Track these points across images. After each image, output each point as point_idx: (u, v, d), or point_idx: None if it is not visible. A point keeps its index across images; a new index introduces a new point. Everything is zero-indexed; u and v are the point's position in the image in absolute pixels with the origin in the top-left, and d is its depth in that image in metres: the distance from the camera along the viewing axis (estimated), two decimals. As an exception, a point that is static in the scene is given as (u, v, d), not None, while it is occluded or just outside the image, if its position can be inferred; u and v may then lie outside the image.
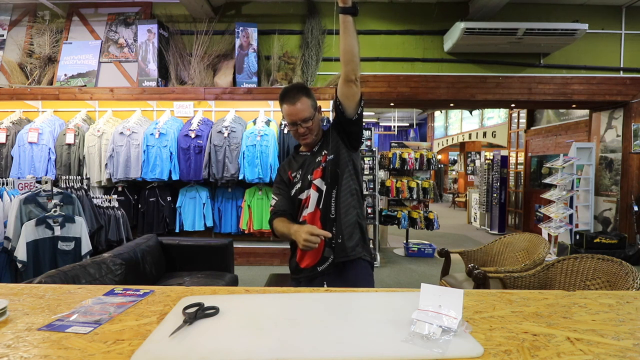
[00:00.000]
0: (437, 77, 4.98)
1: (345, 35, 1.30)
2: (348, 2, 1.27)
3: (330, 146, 1.46)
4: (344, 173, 1.46)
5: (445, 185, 14.11)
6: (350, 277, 1.44)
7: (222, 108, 4.66)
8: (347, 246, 1.43)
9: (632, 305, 0.95)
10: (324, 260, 1.43)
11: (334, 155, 1.45)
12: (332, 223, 1.43)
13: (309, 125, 1.44)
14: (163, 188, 4.46)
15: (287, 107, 1.43)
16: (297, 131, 1.45)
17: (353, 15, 1.28)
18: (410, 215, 5.30)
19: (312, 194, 1.45)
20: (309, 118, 1.43)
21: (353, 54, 1.32)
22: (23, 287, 1.10)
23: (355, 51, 1.32)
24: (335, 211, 1.44)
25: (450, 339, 0.74)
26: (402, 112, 13.27)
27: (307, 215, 1.46)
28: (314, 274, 1.45)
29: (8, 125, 4.39)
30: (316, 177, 1.45)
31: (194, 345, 0.73)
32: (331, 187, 1.44)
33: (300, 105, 1.41)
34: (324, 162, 1.45)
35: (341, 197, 1.44)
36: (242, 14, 5.04)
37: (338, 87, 1.41)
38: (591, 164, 5.38)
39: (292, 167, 1.55)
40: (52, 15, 5.12)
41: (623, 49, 5.02)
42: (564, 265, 1.92)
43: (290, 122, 1.45)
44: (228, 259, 3.01)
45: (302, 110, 1.42)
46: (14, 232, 2.62)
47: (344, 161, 1.46)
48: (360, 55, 1.36)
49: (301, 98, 1.42)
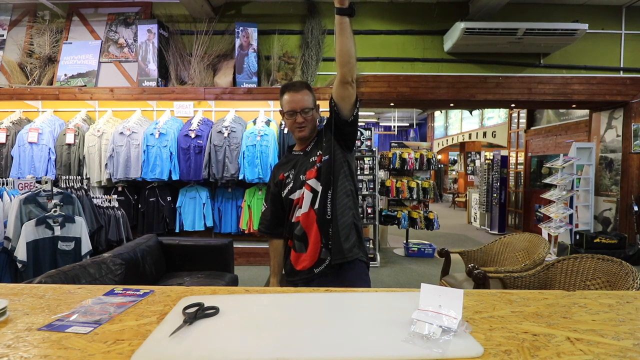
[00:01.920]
0: (437, 77, 4.98)
1: (342, 36, 1.28)
2: (345, 3, 1.24)
3: (325, 147, 1.45)
4: (339, 174, 1.45)
5: (445, 185, 14.11)
6: (347, 278, 1.43)
7: (222, 108, 4.66)
8: (344, 247, 1.42)
9: (632, 305, 0.95)
10: (320, 262, 1.43)
11: (329, 156, 1.43)
12: (329, 224, 1.42)
13: (308, 117, 1.45)
14: (163, 188, 4.46)
15: (290, 95, 1.44)
16: (296, 120, 1.45)
17: (349, 16, 1.26)
18: (410, 215, 5.30)
19: (305, 194, 1.44)
20: (309, 109, 1.44)
21: (349, 56, 1.30)
22: (23, 287, 1.10)
23: (351, 53, 1.30)
24: (332, 212, 1.43)
25: (450, 339, 0.74)
26: (402, 112, 13.27)
27: (300, 216, 1.45)
28: (310, 275, 1.44)
29: (8, 125, 4.39)
30: (310, 177, 1.44)
31: (194, 345, 0.73)
32: (327, 188, 1.43)
33: (302, 95, 1.44)
34: (319, 162, 1.44)
35: (337, 199, 1.43)
36: (242, 14, 5.04)
37: (334, 88, 1.40)
38: (591, 164, 5.38)
39: (284, 168, 1.54)
40: (52, 15, 5.12)
41: (623, 49, 5.02)
42: (564, 265, 1.92)
43: (290, 109, 1.44)
44: (228, 259, 3.01)
45: (304, 100, 1.43)
46: (14, 232, 2.62)
47: (339, 162, 1.45)
48: (356, 56, 1.34)
49: (304, 90, 1.45)
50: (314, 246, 1.43)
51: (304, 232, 1.45)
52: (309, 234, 1.44)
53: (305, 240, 1.45)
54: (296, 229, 1.46)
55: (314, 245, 1.43)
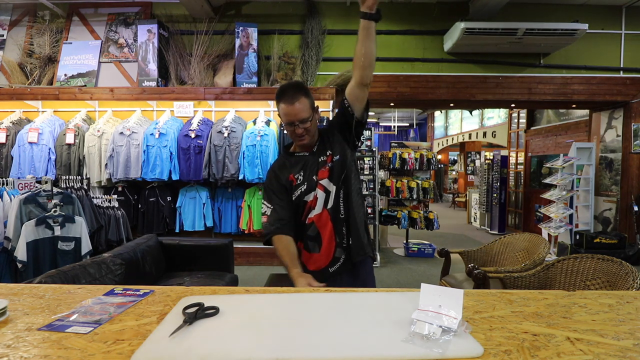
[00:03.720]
0: (437, 77, 4.98)
1: (368, 40, 1.30)
2: (373, 8, 1.26)
3: (335, 147, 1.45)
4: (351, 173, 1.46)
5: (445, 185, 14.11)
6: (360, 274, 1.47)
7: (222, 108, 4.66)
8: (359, 245, 1.45)
9: (632, 305, 0.95)
10: (335, 261, 1.44)
11: (340, 156, 1.44)
12: (342, 223, 1.43)
13: (307, 126, 1.39)
14: (163, 188, 4.46)
15: (285, 107, 1.37)
16: (295, 132, 1.40)
17: (376, 21, 1.28)
18: (410, 215, 5.30)
19: (319, 195, 1.42)
20: (307, 119, 1.37)
21: (372, 59, 1.33)
22: (23, 287, 1.09)
23: (374, 56, 1.34)
24: (345, 211, 1.44)
25: (450, 339, 0.74)
26: (402, 112, 13.27)
27: (314, 217, 1.43)
28: (325, 275, 1.43)
29: (8, 125, 4.39)
30: (322, 177, 1.42)
31: (194, 345, 0.73)
32: (340, 187, 1.43)
33: (298, 105, 1.36)
34: (330, 162, 1.43)
35: (352, 197, 1.45)
36: (242, 14, 5.04)
37: (349, 89, 1.40)
38: (591, 164, 5.38)
39: (291, 169, 1.47)
40: (52, 15, 5.12)
41: (623, 49, 5.02)
42: (564, 265, 1.92)
43: (288, 122, 1.39)
44: (228, 259, 3.01)
45: (300, 111, 1.36)
46: (14, 232, 2.62)
47: (349, 161, 1.47)
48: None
49: (300, 98, 1.36)
50: (329, 245, 1.43)
51: (318, 232, 1.44)
52: (323, 233, 1.43)
53: (319, 240, 1.44)
54: (309, 230, 1.45)
55: (328, 244, 1.43)
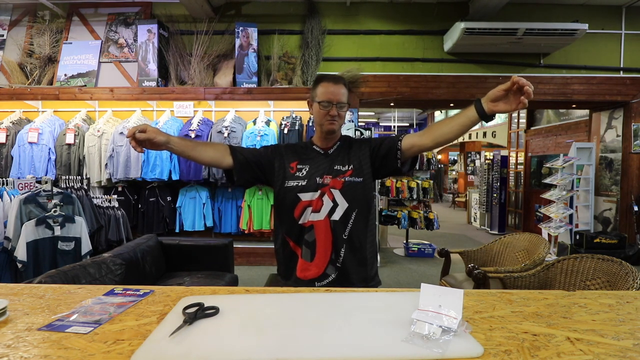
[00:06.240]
0: (437, 77, 4.98)
1: (462, 129, 1.29)
2: (494, 114, 1.23)
3: (361, 169, 1.41)
4: (370, 199, 1.42)
5: (445, 185, 14.11)
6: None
7: (222, 108, 4.66)
8: (369, 275, 1.43)
9: (632, 305, 0.95)
10: (324, 277, 1.36)
11: (363, 179, 1.40)
12: (342, 244, 1.36)
13: (342, 112, 1.40)
14: (163, 188, 4.46)
15: (329, 85, 1.38)
16: (329, 112, 1.38)
17: (486, 121, 1.26)
18: (410, 215, 5.30)
19: (325, 201, 1.36)
20: (344, 104, 1.40)
21: (450, 142, 1.37)
22: (23, 287, 1.09)
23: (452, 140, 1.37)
24: (349, 234, 1.36)
25: (450, 339, 0.74)
26: (402, 112, 13.25)
27: (315, 221, 1.36)
28: (311, 287, 1.42)
29: (8, 125, 4.39)
30: (335, 187, 1.37)
31: (194, 345, 0.73)
32: (352, 207, 1.36)
33: (340, 89, 1.39)
34: (347, 176, 1.38)
35: (369, 224, 1.41)
36: (242, 14, 5.04)
37: (410, 140, 1.36)
38: (591, 164, 5.38)
39: (300, 157, 1.44)
40: (52, 15, 5.11)
41: (623, 49, 5.02)
42: (564, 265, 1.92)
43: (326, 100, 1.37)
44: (228, 259, 3.01)
45: (342, 94, 1.39)
46: (14, 232, 2.62)
47: (369, 187, 1.42)
48: None
49: (342, 84, 1.40)
50: (322, 258, 1.36)
51: (315, 239, 1.36)
52: (319, 243, 1.35)
53: (313, 248, 1.36)
54: (307, 234, 1.36)
55: (322, 256, 1.36)
